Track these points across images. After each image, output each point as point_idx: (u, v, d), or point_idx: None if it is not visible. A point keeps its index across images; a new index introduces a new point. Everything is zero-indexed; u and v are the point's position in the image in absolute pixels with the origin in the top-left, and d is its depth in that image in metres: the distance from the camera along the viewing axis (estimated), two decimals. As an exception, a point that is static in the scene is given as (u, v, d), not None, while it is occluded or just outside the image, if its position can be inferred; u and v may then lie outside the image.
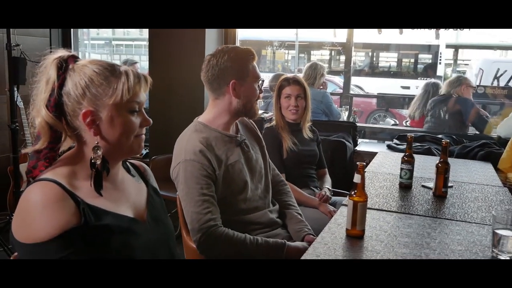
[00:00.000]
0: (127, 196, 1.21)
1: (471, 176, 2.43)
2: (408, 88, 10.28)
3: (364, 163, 1.49)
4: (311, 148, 2.57)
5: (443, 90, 4.01)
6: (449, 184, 2.18)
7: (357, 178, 1.48)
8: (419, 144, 3.17)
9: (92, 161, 1.11)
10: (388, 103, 6.72)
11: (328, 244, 1.43)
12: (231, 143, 1.77)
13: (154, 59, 3.61)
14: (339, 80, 10.00)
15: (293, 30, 10.93)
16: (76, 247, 1.02)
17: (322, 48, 12.88)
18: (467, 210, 1.82)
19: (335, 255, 1.35)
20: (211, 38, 3.59)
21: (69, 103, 1.11)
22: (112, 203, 1.15)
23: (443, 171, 1.97)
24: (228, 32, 3.83)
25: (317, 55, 13.60)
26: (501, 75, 8.47)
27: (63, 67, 1.12)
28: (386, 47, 11.81)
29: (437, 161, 1.98)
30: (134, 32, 14.87)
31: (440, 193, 1.99)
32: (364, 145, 3.47)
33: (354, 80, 11.32)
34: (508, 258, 1.35)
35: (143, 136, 1.20)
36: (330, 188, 2.51)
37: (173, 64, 3.51)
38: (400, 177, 2.12)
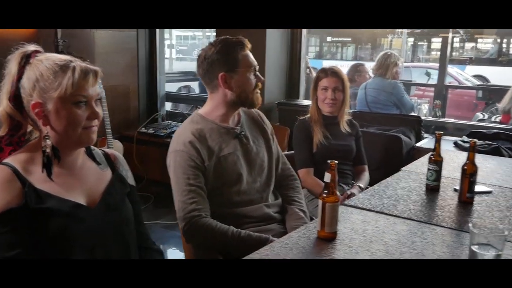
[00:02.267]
0: (82, 182, 1.29)
1: (528, 181, 2.10)
2: (540, 78, 9.03)
3: (336, 162, 1.39)
4: (346, 143, 2.44)
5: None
6: (489, 189, 1.93)
7: (327, 177, 1.39)
8: (488, 142, 2.81)
9: (42, 149, 1.21)
10: (489, 94, 6.00)
11: (289, 245, 1.36)
12: (227, 134, 1.77)
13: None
14: (457, 71, 9.19)
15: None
16: (13, 226, 1.14)
17: (440, 35, 11.95)
18: (485, 220, 1.59)
19: (284, 256, 1.29)
20: (273, 37, 3.57)
21: (24, 96, 1.22)
22: (62, 188, 1.24)
23: (468, 175, 1.74)
24: (294, 31, 3.77)
25: (438, 43, 12.65)
26: None
27: (23, 61, 1.24)
28: (522, 32, 10.54)
29: (464, 163, 1.75)
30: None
31: (465, 199, 1.76)
32: (429, 141, 3.17)
33: (478, 70, 10.34)
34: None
35: (94, 128, 1.26)
36: (363, 186, 2.37)
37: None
38: (426, 178, 1.92)
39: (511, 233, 1.45)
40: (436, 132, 1.89)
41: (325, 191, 1.39)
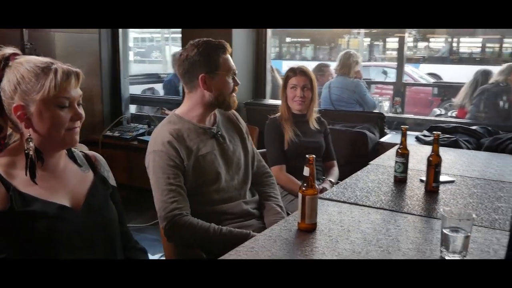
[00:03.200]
0: (65, 184, 1.30)
1: (486, 170, 2.25)
2: (490, 74, 9.49)
3: (314, 156, 1.46)
4: (315, 140, 2.53)
5: (493, 78, 3.72)
6: (452, 179, 2.05)
7: (306, 171, 1.45)
8: (448, 135, 2.97)
9: (26, 151, 1.21)
10: (445, 91, 6.31)
11: (273, 237, 1.42)
12: (204, 134, 1.80)
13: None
14: (412, 69, 9.55)
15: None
16: (0, 229, 1.13)
17: (395, 35, 12.36)
18: (451, 207, 1.70)
19: (272, 248, 1.34)
20: (239, 37, 3.63)
21: (5, 99, 1.21)
22: (46, 190, 1.24)
23: (433, 165, 1.85)
24: (259, 31, 3.84)
25: (393, 42, 13.07)
26: None
27: (2, 64, 1.23)
28: (468, 32, 11.05)
29: (429, 154, 1.87)
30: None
31: (431, 189, 1.87)
32: (392, 137, 3.32)
33: (431, 68, 10.76)
34: (457, 258, 1.26)
35: (77, 130, 1.27)
36: (333, 180, 2.46)
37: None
38: (394, 171, 2.03)
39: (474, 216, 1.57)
40: (402, 126, 2.00)
41: (305, 184, 1.45)
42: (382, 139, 3.24)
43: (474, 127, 3.06)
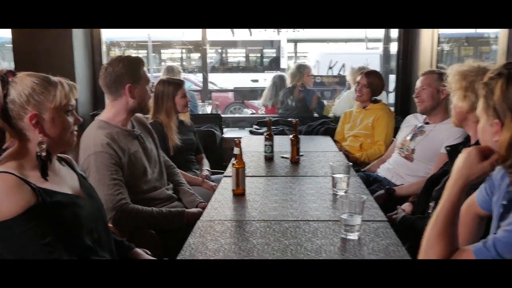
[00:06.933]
0: (64, 180, 1.52)
1: (316, 147, 3.12)
2: (257, 81, 11.12)
3: (241, 138, 1.99)
4: (191, 138, 3.01)
5: (289, 82, 4.73)
6: (301, 154, 2.82)
7: (236, 151, 1.98)
8: (274, 127, 3.81)
9: (38, 154, 1.41)
10: (243, 95, 7.42)
11: (221, 202, 1.90)
12: (129, 136, 2.12)
13: (21, 60, 3.65)
14: (194, 77, 10.54)
15: (145, 30, 11.04)
16: (38, 220, 1.33)
17: (172, 47, 13.28)
18: (314, 169, 2.45)
19: (228, 208, 1.83)
20: (78, 37, 3.80)
21: (15, 109, 1.39)
22: (56, 185, 1.46)
23: (295, 143, 2.58)
24: (93, 32, 4.04)
25: (167, 54, 13.93)
26: (334, 65, 9.89)
27: (4, 80, 1.40)
28: (234, 44, 12.60)
29: (290, 136, 2.58)
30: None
31: (295, 160, 2.60)
32: (230, 133, 4.01)
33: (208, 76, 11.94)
34: (343, 194, 1.97)
35: (76, 132, 1.52)
36: (209, 169, 2.99)
37: (42, 64, 3.55)
38: (264, 151, 2.69)
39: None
40: (268, 118, 2.67)
41: (236, 160, 1.97)
42: (224, 135, 3.90)
43: (290, 119, 3.97)
